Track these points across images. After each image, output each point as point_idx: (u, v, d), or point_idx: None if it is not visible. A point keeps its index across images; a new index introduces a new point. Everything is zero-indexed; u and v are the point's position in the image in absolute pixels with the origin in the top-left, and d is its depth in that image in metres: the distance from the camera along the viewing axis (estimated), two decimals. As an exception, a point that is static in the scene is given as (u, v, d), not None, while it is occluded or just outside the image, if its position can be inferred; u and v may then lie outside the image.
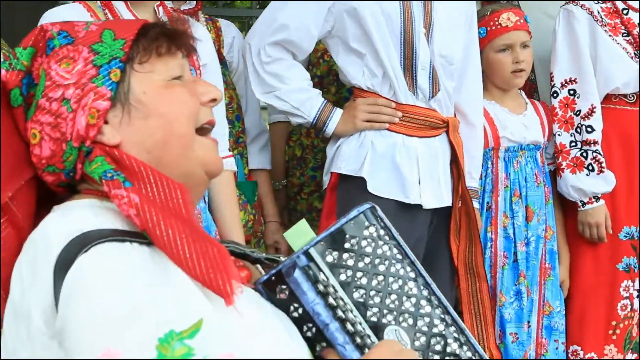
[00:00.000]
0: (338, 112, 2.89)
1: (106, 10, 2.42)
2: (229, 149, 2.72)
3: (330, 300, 1.33)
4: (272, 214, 3.42)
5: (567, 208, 3.37)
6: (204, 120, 1.40)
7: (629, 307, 3.31)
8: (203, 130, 1.41)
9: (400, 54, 2.81)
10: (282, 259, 1.42)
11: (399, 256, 1.36)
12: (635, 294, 3.30)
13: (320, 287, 1.33)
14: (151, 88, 1.36)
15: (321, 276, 1.34)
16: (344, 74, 2.91)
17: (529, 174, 3.23)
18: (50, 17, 2.43)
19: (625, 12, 3.30)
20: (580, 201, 3.24)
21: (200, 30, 2.65)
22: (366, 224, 1.38)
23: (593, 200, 3.23)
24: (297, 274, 1.34)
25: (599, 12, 3.27)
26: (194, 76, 1.48)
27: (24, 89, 1.36)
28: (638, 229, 3.29)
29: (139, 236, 1.24)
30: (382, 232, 1.38)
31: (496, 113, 3.23)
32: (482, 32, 3.19)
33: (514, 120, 3.24)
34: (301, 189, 3.56)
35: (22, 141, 1.37)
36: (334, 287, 1.34)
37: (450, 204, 2.93)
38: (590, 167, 3.22)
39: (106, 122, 1.34)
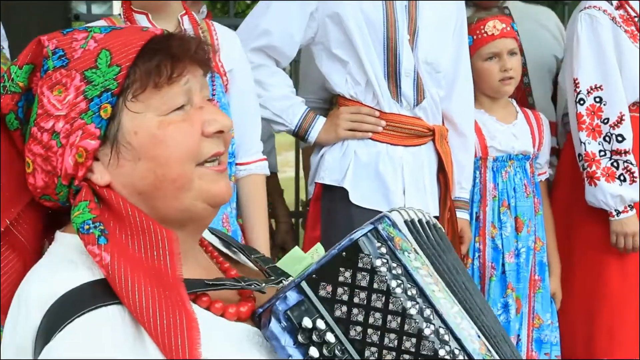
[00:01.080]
0: (321, 120, 2.84)
1: (129, 25, 2.39)
2: (262, 152, 2.68)
3: (312, 351, 1.22)
4: (284, 215, 3.45)
5: (584, 222, 3.28)
6: (207, 154, 1.29)
7: None
8: (207, 165, 1.30)
9: (384, 61, 2.76)
10: (285, 282, 1.34)
11: (399, 289, 1.22)
12: None
13: (301, 338, 1.23)
14: (143, 128, 1.25)
15: (305, 321, 1.22)
16: (328, 82, 2.85)
17: (518, 184, 3.18)
18: None
19: (637, 19, 3.23)
20: (615, 210, 3.15)
21: (227, 35, 2.59)
22: (361, 254, 1.24)
23: (628, 209, 3.15)
24: (274, 325, 1.24)
25: (618, 18, 3.20)
26: (208, 98, 1.34)
27: (20, 112, 1.29)
28: None
29: None
30: (379, 261, 1.23)
31: (485, 122, 3.17)
32: (469, 40, 3.13)
33: (502, 130, 3.19)
34: None
35: (23, 163, 1.31)
36: (322, 329, 1.23)
37: (437, 214, 2.87)
38: (622, 178, 3.14)
39: (97, 159, 1.26)
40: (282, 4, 2.78)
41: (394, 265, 1.24)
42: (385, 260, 1.24)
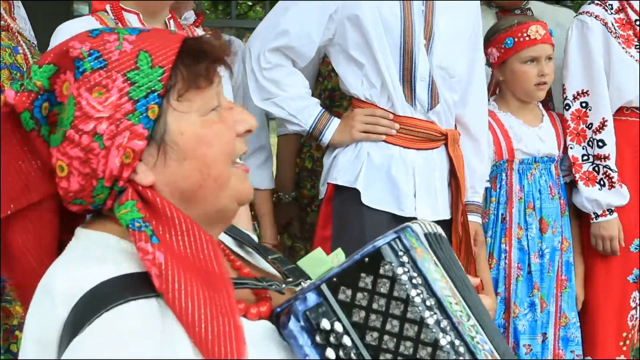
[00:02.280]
0: (335, 122, 2.86)
1: (119, 24, 2.40)
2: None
3: (328, 352, 1.24)
4: (270, 237, 3.31)
5: (580, 220, 3.36)
6: (239, 152, 1.33)
7: (636, 317, 3.33)
8: (237, 165, 1.34)
9: (400, 64, 2.78)
10: (304, 285, 1.35)
11: (418, 298, 1.24)
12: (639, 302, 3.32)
13: (319, 338, 1.24)
14: (189, 129, 1.27)
15: (323, 323, 1.24)
16: (343, 83, 2.87)
17: (543, 186, 3.23)
18: (65, 31, 2.39)
19: (637, 23, 3.26)
20: (594, 213, 3.23)
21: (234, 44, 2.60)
22: (383, 261, 1.24)
23: (607, 213, 3.22)
24: (293, 324, 1.25)
25: (612, 24, 3.24)
26: (228, 100, 1.37)
27: (36, 112, 1.27)
28: None
29: (147, 282, 1.19)
30: (400, 270, 1.24)
31: (511, 125, 3.22)
32: (509, 42, 3.18)
33: (529, 133, 3.23)
34: (312, 200, 3.52)
35: (35, 163, 1.30)
36: (340, 332, 1.24)
37: (447, 217, 2.89)
38: (601, 182, 3.21)
39: (140, 160, 1.26)
40: (301, 5, 2.80)
41: (415, 274, 1.25)
42: (406, 269, 1.25)
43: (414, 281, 1.25)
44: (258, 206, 3.29)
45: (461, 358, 1.23)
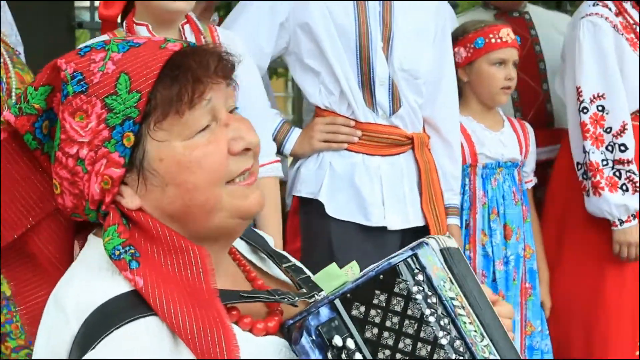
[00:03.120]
0: (296, 132, 2.80)
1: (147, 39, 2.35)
2: (275, 154, 2.65)
3: None
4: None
5: (582, 231, 3.28)
6: (236, 172, 1.27)
7: None
8: (237, 182, 1.29)
9: (357, 70, 2.72)
10: (318, 297, 1.33)
11: (432, 318, 1.22)
12: None
13: (330, 355, 1.23)
14: (168, 155, 1.24)
15: (335, 339, 1.23)
16: (303, 93, 2.81)
17: (507, 191, 3.19)
18: None
19: (635, 27, 3.23)
20: (619, 220, 3.14)
21: (230, 39, 2.54)
22: (398, 279, 1.23)
23: (631, 218, 3.15)
24: (305, 340, 1.24)
25: (619, 26, 3.20)
26: (229, 115, 1.31)
27: (38, 133, 1.29)
28: None
29: None
30: (415, 288, 1.23)
31: (474, 129, 3.17)
32: (479, 42, 3.13)
33: (491, 137, 3.19)
34: None
35: (47, 175, 1.32)
36: (352, 349, 1.23)
37: (420, 224, 2.83)
38: (624, 187, 3.13)
39: (126, 184, 1.26)
40: (250, 16, 2.74)
41: (430, 293, 1.24)
42: (421, 288, 1.24)
43: (428, 300, 1.24)
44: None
45: None
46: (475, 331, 1.26)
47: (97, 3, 2.47)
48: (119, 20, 2.53)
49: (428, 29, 2.86)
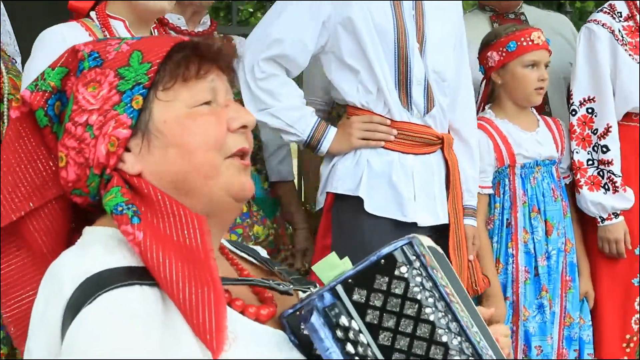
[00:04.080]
0: (332, 130, 2.84)
1: (105, 31, 2.38)
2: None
3: (348, 347, 1.27)
4: (301, 221, 3.40)
5: (585, 223, 3.39)
6: (233, 148, 1.34)
7: None
8: (234, 157, 1.36)
9: (395, 69, 2.77)
10: (313, 289, 1.38)
11: (431, 299, 1.28)
12: None
13: (339, 333, 1.27)
14: (172, 117, 1.32)
15: (342, 320, 1.28)
16: (338, 92, 2.85)
17: (546, 189, 3.26)
18: (50, 35, 2.42)
19: None
20: (600, 217, 3.28)
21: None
22: (398, 262, 1.28)
23: (612, 216, 3.27)
24: (315, 318, 1.28)
25: (620, 31, 3.29)
26: (231, 99, 1.40)
27: (50, 110, 1.35)
28: None
29: (150, 275, 1.23)
30: (414, 272, 1.28)
31: (509, 131, 3.25)
32: (512, 45, 3.22)
33: (527, 138, 3.27)
34: None
35: (51, 160, 1.38)
36: (356, 331, 1.28)
37: (446, 222, 2.88)
38: (606, 187, 3.26)
39: (128, 150, 1.32)
40: (293, 13, 2.78)
41: (426, 278, 1.29)
42: (419, 272, 1.29)
43: (425, 285, 1.29)
44: (283, 197, 3.40)
45: (471, 359, 1.28)
46: (466, 318, 1.31)
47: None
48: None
49: (451, 35, 2.93)
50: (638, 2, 3.33)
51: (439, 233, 2.86)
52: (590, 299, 3.36)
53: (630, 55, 3.27)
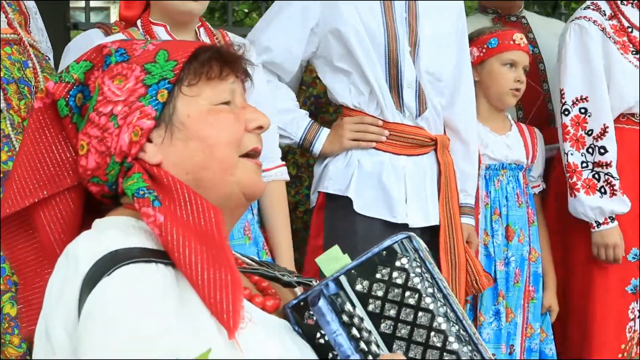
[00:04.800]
0: (325, 132, 2.88)
1: (147, 37, 2.43)
2: (280, 158, 2.75)
3: (354, 331, 1.32)
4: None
5: (574, 232, 3.31)
6: (249, 147, 1.41)
7: (634, 328, 3.28)
8: (248, 156, 1.42)
9: (386, 72, 2.80)
10: (314, 283, 1.43)
11: (430, 290, 1.33)
12: (638, 314, 3.28)
13: (345, 318, 1.33)
14: (195, 112, 1.38)
15: (347, 306, 1.33)
16: (332, 93, 2.90)
17: (510, 193, 3.23)
18: (81, 42, 2.55)
19: (630, 30, 3.26)
20: (596, 222, 3.17)
21: (252, 55, 2.64)
22: (399, 254, 1.35)
23: (608, 221, 3.16)
24: (322, 303, 1.34)
25: (609, 29, 3.23)
26: (246, 102, 1.47)
27: (71, 100, 1.40)
28: None
29: (167, 257, 1.28)
30: (414, 263, 1.34)
31: (478, 132, 3.19)
32: (493, 42, 3.21)
33: (495, 140, 3.24)
34: (296, 207, 3.54)
35: (68, 151, 1.42)
36: (360, 318, 1.33)
37: (438, 223, 2.90)
38: (602, 190, 3.16)
39: (150, 141, 1.37)
40: (282, 21, 2.84)
41: (425, 270, 1.35)
42: (418, 264, 1.35)
43: (424, 275, 1.35)
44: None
45: (468, 347, 1.33)
46: (461, 310, 1.37)
47: (92, 4, 2.59)
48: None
49: (450, 33, 2.95)
50: (619, 1, 3.28)
51: (432, 234, 2.89)
52: (554, 314, 3.29)
53: (621, 54, 3.21)
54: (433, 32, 2.87)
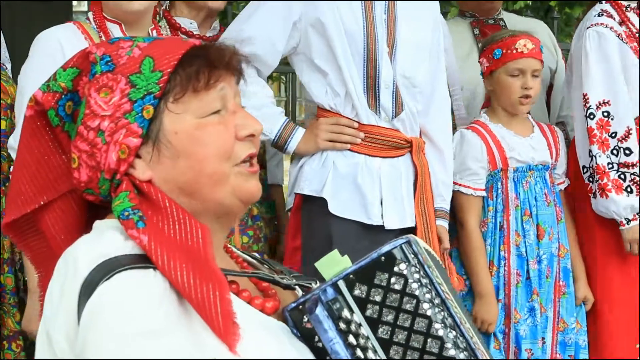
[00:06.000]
0: (300, 131, 2.87)
1: (101, 34, 2.39)
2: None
3: (351, 339, 1.32)
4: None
5: (591, 227, 3.40)
6: (241, 156, 1.39)
7: None
8: (242, 164, 1.40)
9: (363, 72, 2.80)
10: (314, 285, 1.43)
11: (428, 295, 1.34)
12: None
13: (342, 325, 1.32)
14: (183, 129, 1.36)
15: (344, 313, 1.33)
16: (308, 93, 2.89)
17: (539, 193, 3.30)
18: (46, 37, 2.46)
19: (638, 35, 3.35)
20: (626, 219, 3.27)
21: None
22: (397, 260, 1.34)
23: (637, 217, 3.27)
24: (319, 310, 1.34)
25: (623, 35, 3.32)
26: (241, 104, 1.45)
27: (60, 110, 1.39)
28: None
29: None
30: (413, 269, 1.34)
31: (503, 136, 3.28)
32: (497, 53, 3.25)
33: (520, 142, 3.30)
34: None
35: (63, 156, 1.42)
36: (357, 324, 1.33)
37: (414, 225, 2.91)
38: (629, 189, 3.27)
39: (139, 157, 1.36)
40: (265, 13, 2.82)
41: (423, 275, 1.35)
42: (417, 270, 1.35)
43: (423, 281, 1.35)
44: (277, 201, 3.51)
45: (465, 353, 1.33)
46: (460, 314, 1.37)
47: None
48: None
49: (425, 42, 2.96)
50: (624, 8, 3.37)
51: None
52: (589, 304, 3.38)
53: (637, 58, 3.29)
54: (410, 37, 2.88)
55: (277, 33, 2.81)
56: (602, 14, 3.35)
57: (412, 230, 2.90)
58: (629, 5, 3.38)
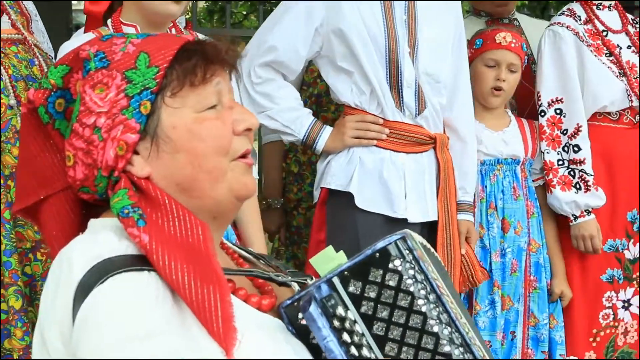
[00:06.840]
0: (327, 130, 2.96)
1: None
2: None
3: (345, 336, 1.30)
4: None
5: (558, 222, 3.45)
6: (239, 150, 1.39)
7: (612, 316, 3.42)
8: (239, 159, 1.40)
9: (386, 72, 2.88)
10: (310, 282, 1.43)
11: (423, 292, 1.33)
12: (619, 304, 3.42)
13: (336, 323, 1.31)
14: (181, 124, 1.35)
15: (339, 310, 1.31)
16: (334, 92, 2.98)
17: (506, 187, 3.31)
18: (68, 48, 2.42)
19: (604, 33, 3.40)
20: (573, 215, 3.32)
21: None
22: (392, 256, 1.34)
23: (585, 213, 3.31)
24: (313, 308, 1.31)
25: (583, 33, 3.36)
26: (235, 100, 1.44)
27: (50, 107, 1.38)
28: (622, 241, 3.41)
29: None
30: (408, 265, 1.33)
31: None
32: (478, 43, 3.31)
33: (491, 136, 3.31)
34: (298, 204, 3.63)
35: (57, 155, 1.41)
36: (352, 321, 1.32)
37: (436, 219, 2.99)
38: (577, 186, 3.32)
39: (137, 153, 1.35)
40: (288, 21, 2.91)
41: (418, 271, 1.35)
42: (412, 265, 1.34)
43: (417, 277, 1.35)
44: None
45: (460, 349, 1.34)
46: (456, 310, 1.38)
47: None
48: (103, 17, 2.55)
49: (447, 38, 3.03)
50: (594, 6, 3.41)
51: (430, 229, 2.98)
52: (565, 299, 3.39)
53: (595, 56, 3.33)
54: (431, 35, 2.95)
55: (299, 40, 2.90)
56: (564, 13, 3.41)
57: (434, 224, 2.98)
58: (601, 3, 3.42)
